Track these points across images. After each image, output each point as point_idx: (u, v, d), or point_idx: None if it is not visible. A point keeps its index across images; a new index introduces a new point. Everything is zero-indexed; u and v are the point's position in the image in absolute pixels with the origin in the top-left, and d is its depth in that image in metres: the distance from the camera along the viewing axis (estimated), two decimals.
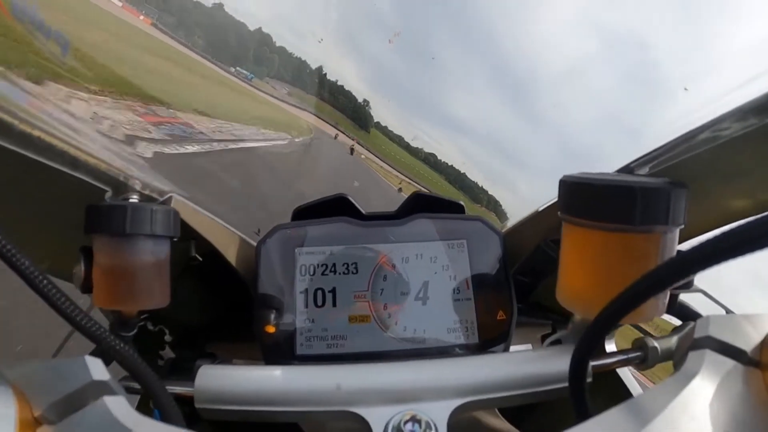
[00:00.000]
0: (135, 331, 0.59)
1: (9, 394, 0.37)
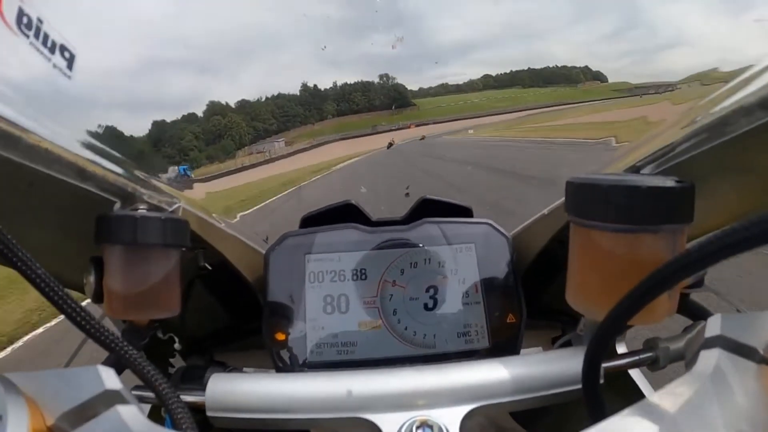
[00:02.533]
0: (147, 340, 0.60)
1: (22, 404, 0.37)
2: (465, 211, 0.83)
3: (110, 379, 0.41)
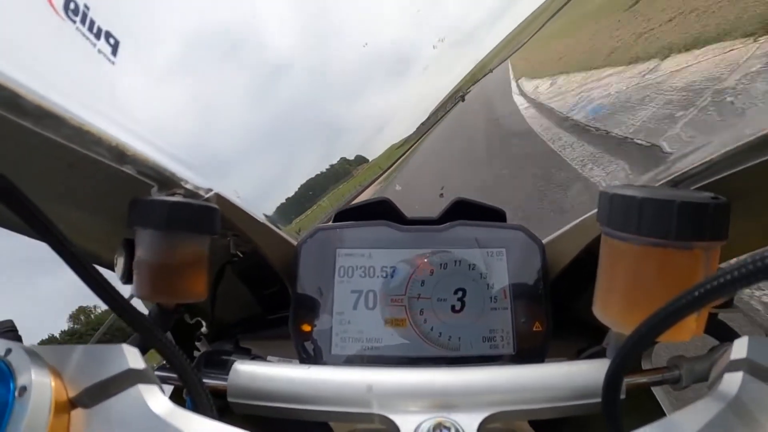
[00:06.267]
0: (173, 322, 0.61)
1: (47, 376, 0.38)
2: (498, 215, 0.83)
3: (134, 359, 0.42)
